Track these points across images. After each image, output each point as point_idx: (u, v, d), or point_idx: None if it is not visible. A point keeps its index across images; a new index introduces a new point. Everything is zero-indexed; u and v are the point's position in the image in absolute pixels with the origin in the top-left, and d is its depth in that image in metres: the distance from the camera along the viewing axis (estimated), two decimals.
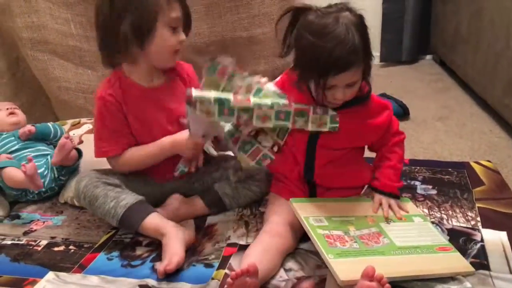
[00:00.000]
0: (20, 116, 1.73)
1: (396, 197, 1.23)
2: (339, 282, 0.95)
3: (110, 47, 1.24)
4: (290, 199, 1.14)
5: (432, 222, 1.22)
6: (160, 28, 1.19)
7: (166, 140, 1.27)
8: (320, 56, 1.04)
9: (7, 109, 1.72)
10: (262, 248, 1.09)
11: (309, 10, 1.10)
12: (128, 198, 1.24)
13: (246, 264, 0.97)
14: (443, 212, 1.29)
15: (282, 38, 1.15)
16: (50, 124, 1.69)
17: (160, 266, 1.11)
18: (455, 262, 1.05)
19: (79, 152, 1.55)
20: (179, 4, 1.21)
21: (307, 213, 1.09)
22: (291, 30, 1.13)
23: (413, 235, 1.12)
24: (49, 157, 1.57)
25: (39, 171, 1.49)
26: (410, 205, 1.25)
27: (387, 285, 0.91)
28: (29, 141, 1.62)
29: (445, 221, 1.24)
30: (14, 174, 1.40)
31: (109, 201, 1.22)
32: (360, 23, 1.07)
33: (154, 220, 1.22)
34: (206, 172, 1.39)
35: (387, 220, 1.16)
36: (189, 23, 1.27)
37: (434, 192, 1.40)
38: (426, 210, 1.30)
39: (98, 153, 1.30)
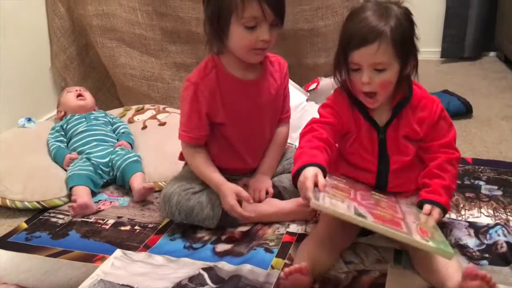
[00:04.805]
0: (88, 99, 1.83)
1: (445, 212, 1.11)
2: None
3: (205, 32, 1.24)
4: (312, 200, 0.97)
5: (497, 224, 1.20)
6: (234, 26, 1.16)
7: (219, 181, 1.26)
8: (342, 34, 1.08)
9: (76, 90, 1.83)
10: (318, 241, 1.09)
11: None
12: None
13: (299, 263, 0.99)
14: (509, 214, 1.25)
15: None
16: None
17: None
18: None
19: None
20: (258, 3, 1.13)
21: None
22: None
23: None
24: (114, 142, 1.65)
25: (103, 160, 1.56)
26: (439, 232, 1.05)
27: (493, 282, 0.88)
28: (96, 123, 1.70)
29: (511, 223, 1.21)
30: (80, 195, 1.43)
31: (205, 206, 1.25)
32: (402, 14, 1.05)
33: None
34: None
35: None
36: (277, 21, 1.18)
37: (499, 193, 1.36)
38: (491, 211, 1.27)
39: (179, 135, 1.30)
